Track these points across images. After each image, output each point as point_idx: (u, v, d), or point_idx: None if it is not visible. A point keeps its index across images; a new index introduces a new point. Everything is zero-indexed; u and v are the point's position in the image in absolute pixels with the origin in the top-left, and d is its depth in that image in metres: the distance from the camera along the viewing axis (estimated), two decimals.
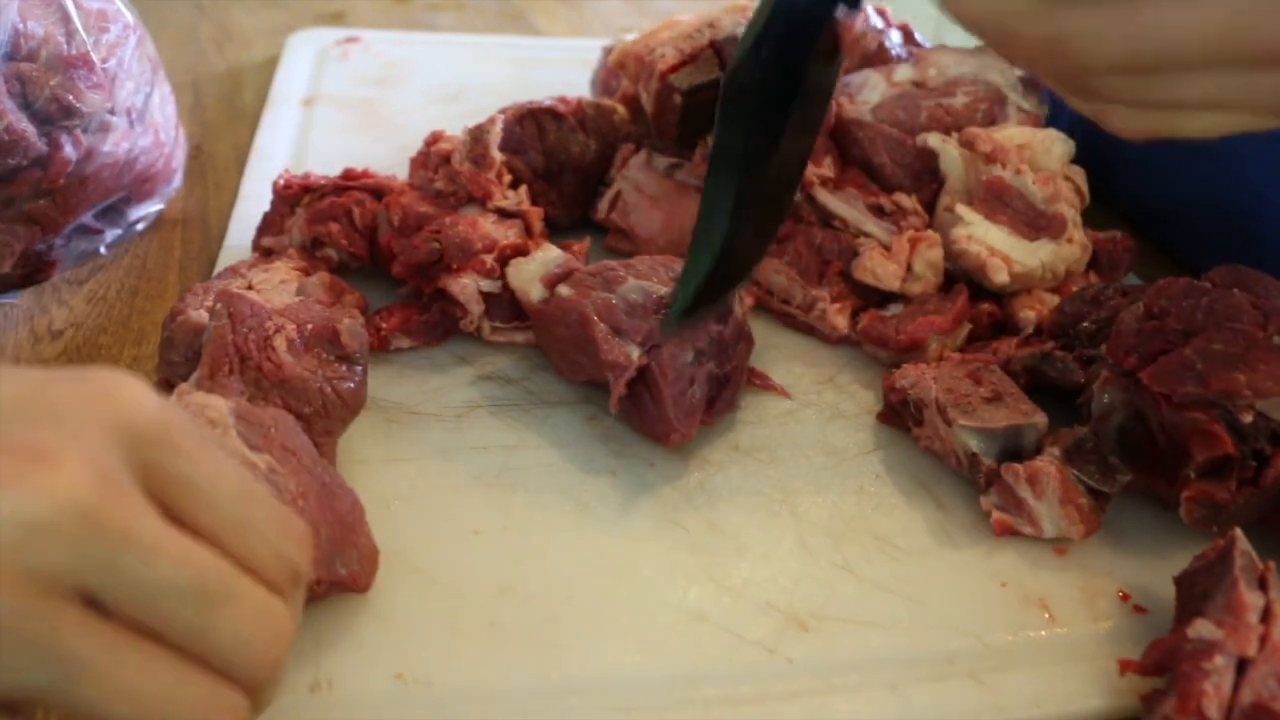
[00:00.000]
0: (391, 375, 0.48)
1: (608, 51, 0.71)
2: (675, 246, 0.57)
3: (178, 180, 0.62)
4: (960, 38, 0.43)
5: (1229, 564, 0.35)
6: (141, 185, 0.58)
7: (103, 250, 0.58)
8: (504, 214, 0.53)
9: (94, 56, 0.52)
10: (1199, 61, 0.30)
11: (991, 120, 0.58)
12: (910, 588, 0.40)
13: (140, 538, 0.24)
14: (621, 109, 0.60)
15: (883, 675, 0.36)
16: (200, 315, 0.43)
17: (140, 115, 0.57)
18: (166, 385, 0.42)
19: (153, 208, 0.61)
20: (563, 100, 0.59)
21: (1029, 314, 0.52)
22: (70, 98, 0.51)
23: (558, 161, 0.58)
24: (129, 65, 0.56)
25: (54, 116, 0.51)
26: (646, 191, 0.57)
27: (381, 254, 0.52)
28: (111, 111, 0.54)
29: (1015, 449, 0.44)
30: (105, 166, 0.54)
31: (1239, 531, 0.37)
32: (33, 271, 0.54)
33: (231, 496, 0.27)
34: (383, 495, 0.42)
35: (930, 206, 0.55)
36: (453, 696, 0.34)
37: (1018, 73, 0.61)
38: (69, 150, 0.51)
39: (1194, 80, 0.31)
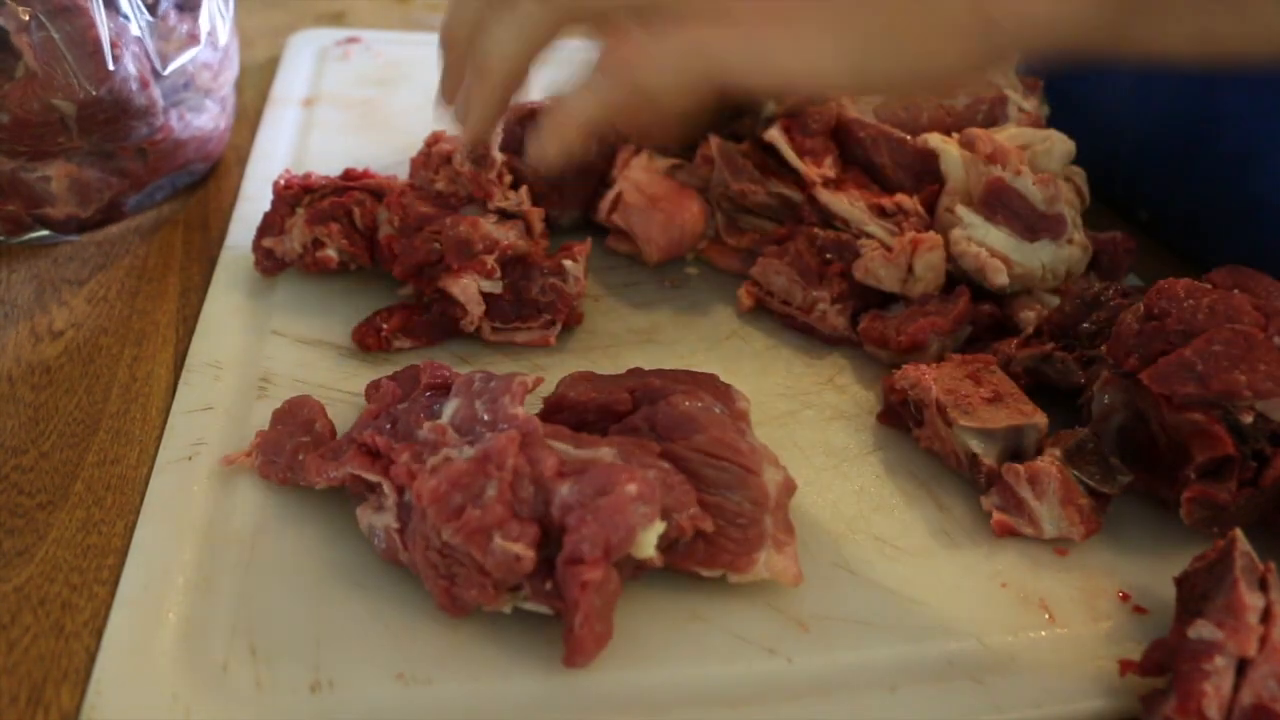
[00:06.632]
0: None
1: None
2: (675, 247, 0.57)
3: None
4: None
5: (1229, 564, 0.36)
6: (201, 160, 0.64)
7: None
8: (505, 214, 0.53)
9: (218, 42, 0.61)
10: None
11: (992, 121, 0.58)
12: (910, 588, 0.40)
13: None
14: None
15: (883, 675, 0.36)
16: None
17: (227, 102, 0.65)
18: None
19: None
20: None
21: (1029, 315, 0.52)
22: (194, 72, 0.60)
23: None
24: (230, 53, 0.64)
25: (176, 91, 0.59)
26: (647, 192, 0.57)
27: (382, 254, 0.52)
28: (209, 93, 0.62)
29: (1015, 449, 0.44)
30: (195, 140, 0.61)
31: (1239, 532, 0.37)
32: (106, 219, 0.59)
33: None
34: None
35: (931, 207, 0.55)
36: (453, 696, 0.34)
37: (1018, 73, 0.61)
38: (175, 123, 0.59)
39: None
